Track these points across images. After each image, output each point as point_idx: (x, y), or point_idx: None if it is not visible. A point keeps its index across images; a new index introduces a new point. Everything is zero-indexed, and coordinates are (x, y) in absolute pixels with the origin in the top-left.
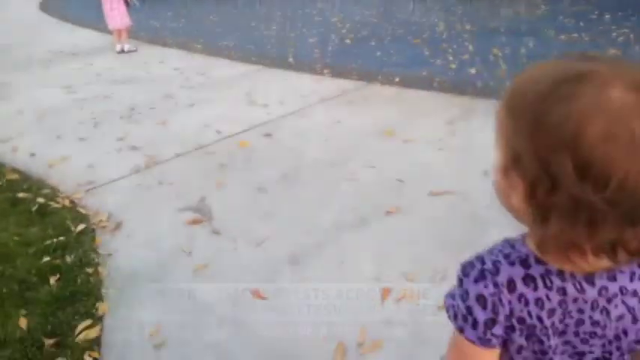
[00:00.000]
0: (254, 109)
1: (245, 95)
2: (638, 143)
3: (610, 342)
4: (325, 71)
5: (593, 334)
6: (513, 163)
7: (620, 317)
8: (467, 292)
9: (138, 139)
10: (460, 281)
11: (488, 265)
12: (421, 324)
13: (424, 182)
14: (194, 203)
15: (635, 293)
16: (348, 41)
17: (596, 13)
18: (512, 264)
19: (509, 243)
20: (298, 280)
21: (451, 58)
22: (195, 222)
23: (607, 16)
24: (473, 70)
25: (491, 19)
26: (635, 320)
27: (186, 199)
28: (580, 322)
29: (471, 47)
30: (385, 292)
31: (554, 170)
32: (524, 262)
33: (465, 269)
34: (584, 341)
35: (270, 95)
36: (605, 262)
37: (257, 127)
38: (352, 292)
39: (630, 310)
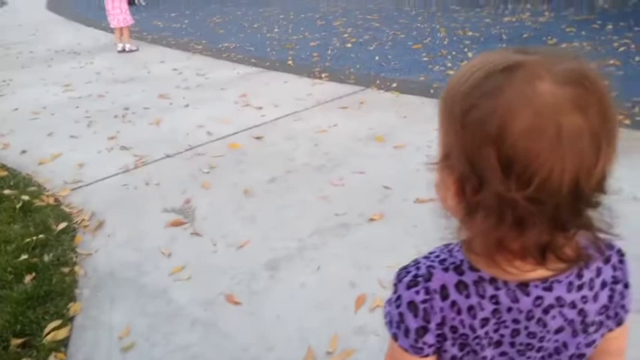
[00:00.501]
0: (248, 111)
1: (241, 97)
2: (564, 139)
3: (550, 355)
4: (323, 75)
5: (530, 346)
6: (445, 160)
7: (559, 330)
8: (400, 299)
9: (129, 139)
10: (395, 287)
11: (422, 271)
12: None
13: (411, 189)
14: (178, 205)
15: (573, 305)
16: (348, 45)
17: (598, 22)
18: (446, 270)
19: (448, 248)
20: (274, 286)
21: (450, 64)
22: (177, 224)
23: (609, 26)
24: None
25: (493, 26)
26: (575, 334)
27: (171, 201)
28: (516, 333)
29: (470, 54)
30: (360, 300)
31: (479, 167)
32: (458, 268)
33: (400, 275)
34: (520, 353)
35: (265, 98)
36: (538, 271)
37: (249, 130)
38: (326, 299)
39: (569, 322)
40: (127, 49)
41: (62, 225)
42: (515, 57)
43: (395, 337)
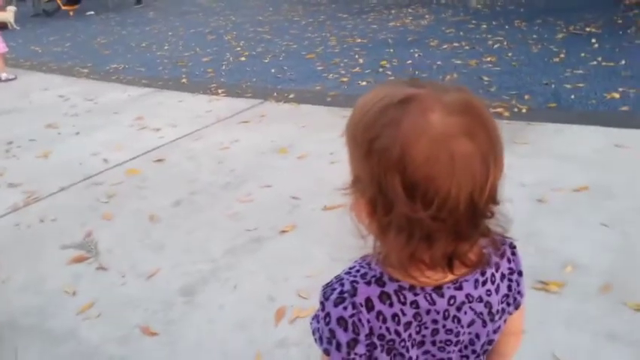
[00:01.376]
0: (145, 134)
1: (136, 120)
2: (457, 163)
3: (466, 347)
4: (220, 91)
5: (448, 342)
6: (355, 183)
7: (471, 323)
8: (329, 316)
9: (17, 175)
10: (322, 305)
11: (347, 287)
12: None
13: (318, 198)
14: (78, 239)
15: (480, 299)
16: (242, 59)
17: (473, 22)
18: (368, 284)
19: (366, 261)
20: (190, 311)
21: (343, 72)
22: (79, 259)
23: (483, 26)
24: (363, 83)
25: (380, 32)
26: (484, 324)
27: (71, 236)
28: (435, 332)
29: (361, 60)
30: (279, 313)
31: (386, 191)
32: (379, 281)
33: (326, 293)
34: (441, 349)
35: (162, 118)
36: (448, 277)
37: (148, 153)
38: (246, 316)
39: (479, 315)
40: (2, 79)
41: None
42: (408, 90)
43: (327, 352)
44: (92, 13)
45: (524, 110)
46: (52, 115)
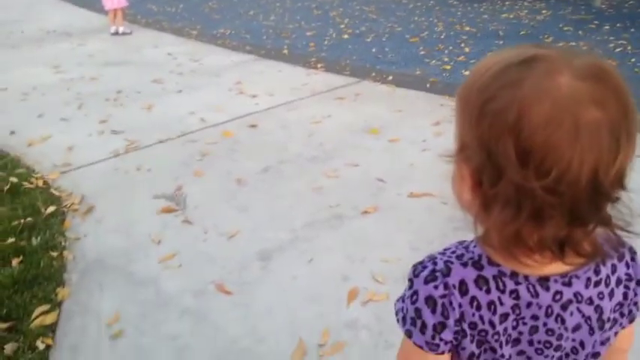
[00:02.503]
0: (242, 99)
1: (235, 84)
2: (582, 132)
3: (567, 355)
4: (319, 65)
5: (548, 344)
6: (461, 152)
7: (577, 328)
8: (416, 294)
9: (121, 123)
10: (410, 282)
11: (440, 266)
12: (386, 328)
13: (405, 183)
14: (169, 191)
15: (590, 301)
16: (345, 36)
17: (595, 22)
18: (464, 265)
19: (463, 245)
20: (265, 276)
21: (446, 59)
22: (168, 210)
23: (606, 27)
24: (466, 73)
25: (491, 22)
26: (591, 331)
27: (162, 187)
28: (534, 330)
29: (467, 49)
30: (352, 294)
31: (497, 157)
32: (477, 264)
33: (416, 270)
34: (538, 351)
35: (260, 86)
36: (555, 265)
37: (243, 118)
38: (318, 291)
39: (587, 320)
40: (120, 32)
41: (51, 208)
42: (534, 50)
43: (409, 334)
44: None
45: None
46: (159, 72)
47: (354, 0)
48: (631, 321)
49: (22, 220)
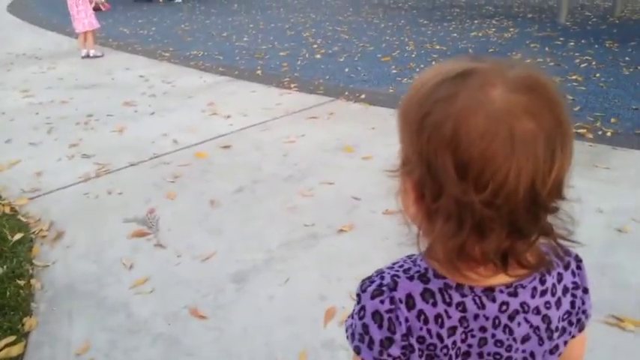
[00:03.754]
0: (215, 120)
1: (208, 106)
2: (517, 143)
3: None
4: (292, 85)
5: (498, 356)
6: (404, 166)
7: (526, 338)
8: (363, 309)
9: (91, 147)
10: (358, 297)
11: (387, 280)
12: None
13: (380, 201)
14: (141, 215)
15: (537, 311)
16: (318, 56)
17: (561, 39)
18: (410, 279)
19: (411, 259)
20: (240, 298)
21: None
22: (140, 234)
23: (571, 43)
24: None
25: (460, 40)
26: (541, 342)
27: (134, 210)
28: (483, 342)
29: None
30: (329, 313)
31: (436, 171)
32: (423, 277)
33: (364, 285)
34: None
35: (233, 107)
36: (501, 276)
37: (216, 139)
38: (295, 312)
39: (535, 330)
40: (91, 55)
41: (18, 235)
42: (468, 64)
43: (357, 350)
44: (180, 0)
45: (609, 134)
46: (131, 94)
47: (327, 20)
48: (580, 330)
49: None
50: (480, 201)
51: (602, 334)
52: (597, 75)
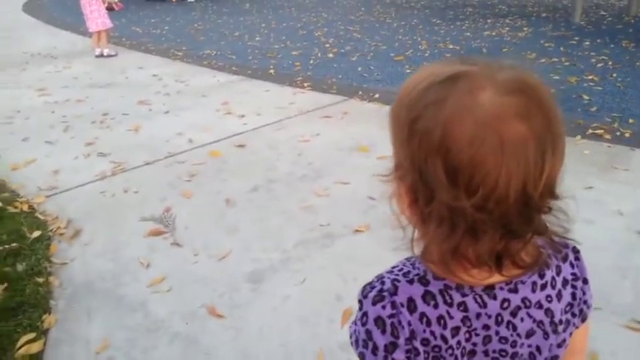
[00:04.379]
0: (230, 119)
1: (222, 105)
2: (507, 148)
3: None
4: (305, 84)
5: (503, 353)
6: (397, 170)
7: (530, 333)
8: (366, 315)
9: (107, 145)
10: (360, 304)
11: (387, 285)
12: None
13: None
14: (158, 213)
15: (539, 305)
16: (330, 55)
17: (576, 38)
18: (410, 282)
19: (410, 262)
20: (257, 298)
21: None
22: (156, 233)
23: (586, 43)
24: None
25: (474, 40)
26: (546, 336)
27: (151, 209)
28: (487, 340)
29: None
30: (346, 314)
31: (427, 177)
32: (423, 279)
33: (365, 290)
34: None
35: (247, 106)
36: (497, 277)
37: (231, 138)
38: (311, 312)
39: (539, 324)
40: (105, 54)
41: (36, 233)
42: (458, 67)
43: (362, 357)
44: (192, 0)
45: (627, 134)
46: (145, 93)
47: (339, 20)
48: (583, 320)
49: (6, 246)
50: (472, 205)
51: (624, 338)
52: (614, 75)
